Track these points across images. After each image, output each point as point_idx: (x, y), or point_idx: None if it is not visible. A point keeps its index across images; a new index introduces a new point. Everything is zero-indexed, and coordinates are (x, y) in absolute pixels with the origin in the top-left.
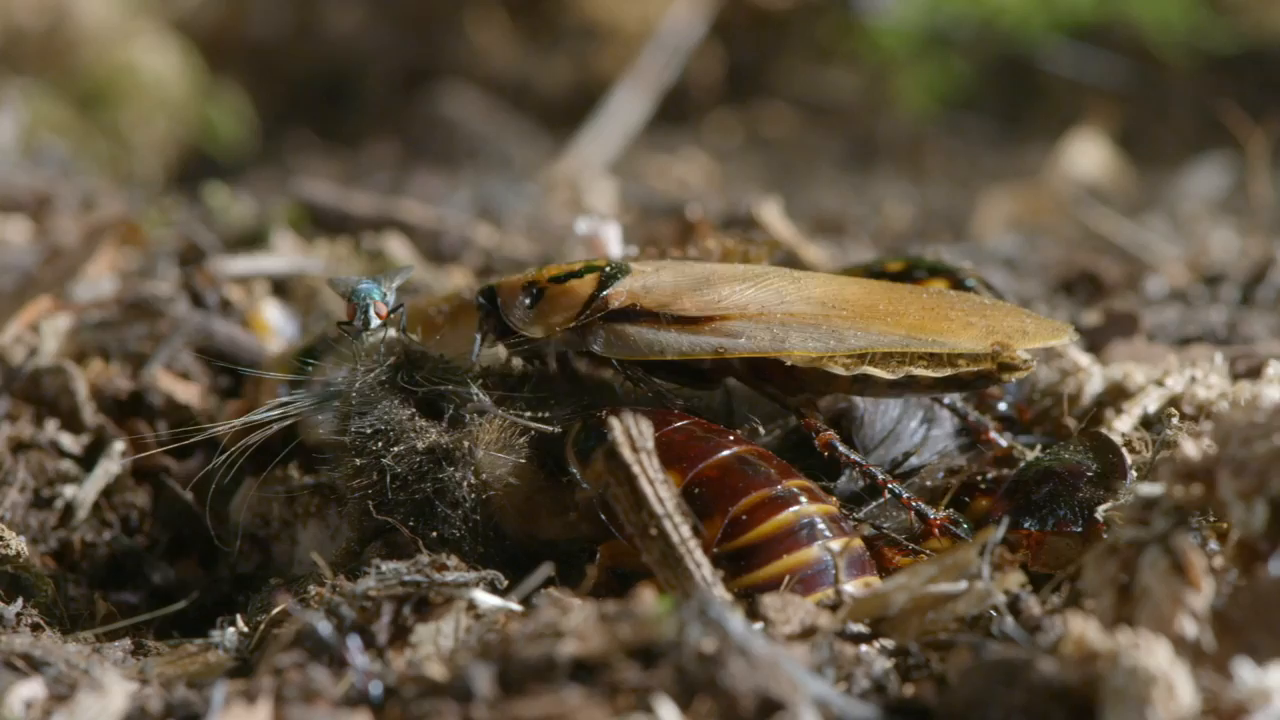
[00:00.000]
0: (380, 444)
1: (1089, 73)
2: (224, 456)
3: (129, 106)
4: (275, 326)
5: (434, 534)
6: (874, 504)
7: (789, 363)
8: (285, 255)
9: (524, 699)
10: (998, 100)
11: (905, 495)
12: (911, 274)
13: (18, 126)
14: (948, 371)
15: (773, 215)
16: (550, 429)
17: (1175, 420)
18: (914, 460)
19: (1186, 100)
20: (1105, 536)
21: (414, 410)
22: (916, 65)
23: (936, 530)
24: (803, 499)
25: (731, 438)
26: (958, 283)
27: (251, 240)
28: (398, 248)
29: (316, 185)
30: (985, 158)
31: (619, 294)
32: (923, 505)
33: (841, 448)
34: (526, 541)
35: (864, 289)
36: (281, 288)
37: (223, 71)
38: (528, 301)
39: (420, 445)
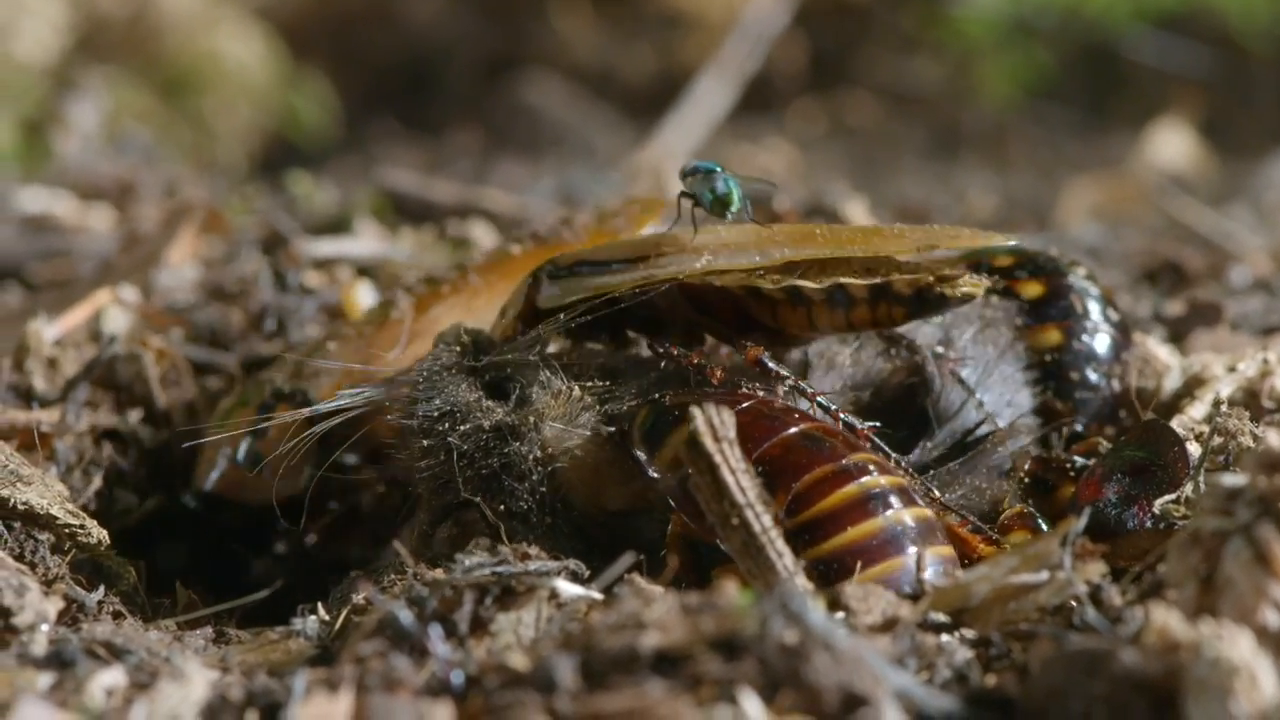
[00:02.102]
0: (447, 425)
1: (1173, 62)
2: (290, 445)
3: (212, 94)
4: (366, 306)
5: (501, 507)
6: (946, 468)
7: (718, 283)
8: (370, 240)
9: (606, 692)
10: (1082, 89)
11: (833, 408)
12: (1013, 272)
13: (101, 114)
14: (877, 280)
15: (858, 212)
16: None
17: (1224, 408)
18: (983, 429)
19: (1271, 89)
20: (1178, 527)
21: (480, 393)
22: (1000, 54)
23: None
24: (871, 469)
25: (797, 415)
26: (1060, 283)
27: (334, 228)
28: (483, 235)
29: (399, 173)
30: (1069, 147)
31: (566, 257)
32: (852, 418)
33: (770, 363)
34: (594, 512)
35: (803, 227)
36: (365, 274)
37: (306, 59)
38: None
39: (487, 424)
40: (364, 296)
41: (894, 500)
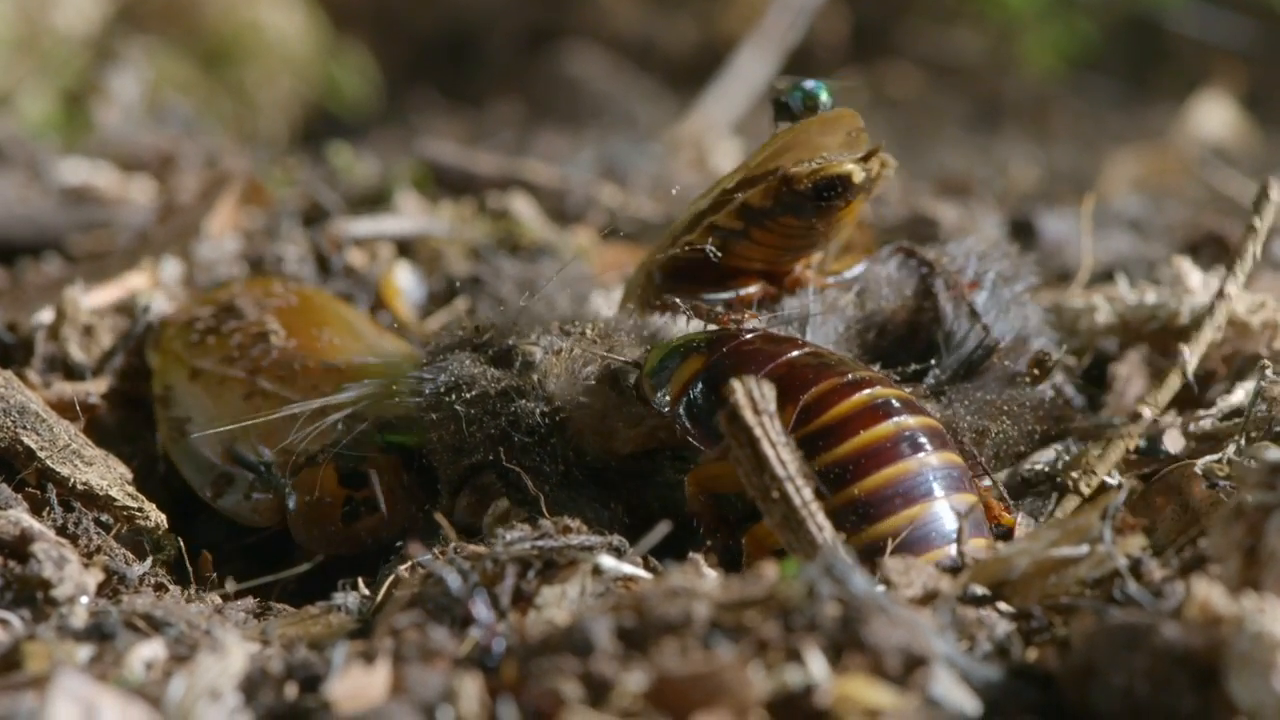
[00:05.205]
0: (454, 396)
1: (1215, 33)
2: (303, 434)
3: (253, 65)
4: (405, 290)
5: (515, 463)
6: (957, 387)
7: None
8: (409, 216)
9: (671, 656)
10: (1124, 61)
11: None
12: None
13: (142, 85)
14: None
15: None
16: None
17: (1270, 372)
18: (984, 347)
19: None
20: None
21: (485, 367)
22: (1042, 25)
23: None
24: (876, 384)
25: (800, 341)
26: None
27: (375, 200)
28: (523, 207)
29: (440, 145)
30: (1111, 119)
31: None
32: None
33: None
34: (606, 457)
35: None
36: (405, 249)
37: (347, 30)
38: None
39: (493, 390)
40: (403, 279)
41: (902, 408)
